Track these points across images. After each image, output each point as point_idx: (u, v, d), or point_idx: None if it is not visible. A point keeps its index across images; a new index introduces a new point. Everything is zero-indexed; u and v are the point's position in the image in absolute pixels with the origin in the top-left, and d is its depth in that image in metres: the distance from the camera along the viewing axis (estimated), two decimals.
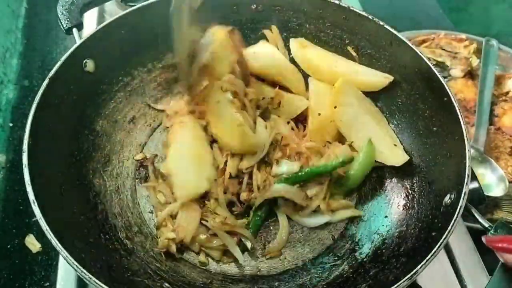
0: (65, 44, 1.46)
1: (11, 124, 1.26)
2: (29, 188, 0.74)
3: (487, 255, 0.97)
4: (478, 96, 1.30)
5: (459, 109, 0.86)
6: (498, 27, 1.69)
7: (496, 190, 1.15)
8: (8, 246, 1.03)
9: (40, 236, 1.03)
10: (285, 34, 1.13)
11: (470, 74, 1.42)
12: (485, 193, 1.01)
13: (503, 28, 1.65)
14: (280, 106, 1.03)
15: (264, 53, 1.06)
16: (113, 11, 1.41)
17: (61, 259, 0.94)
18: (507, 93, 1.38)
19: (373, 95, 1.05)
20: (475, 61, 1.42)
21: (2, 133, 1.23)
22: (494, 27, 1.71)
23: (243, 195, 0.93)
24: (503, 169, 1.19)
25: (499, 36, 1.46)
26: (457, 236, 1.01)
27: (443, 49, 1.45)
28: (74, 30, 1.02)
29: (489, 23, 1.75)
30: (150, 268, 0.87)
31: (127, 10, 1.00)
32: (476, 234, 0.99)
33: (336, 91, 1.00)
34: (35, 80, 1.36)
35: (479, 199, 0.99)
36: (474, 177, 0.97)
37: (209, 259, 0.92)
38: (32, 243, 1.02)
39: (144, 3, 1.01)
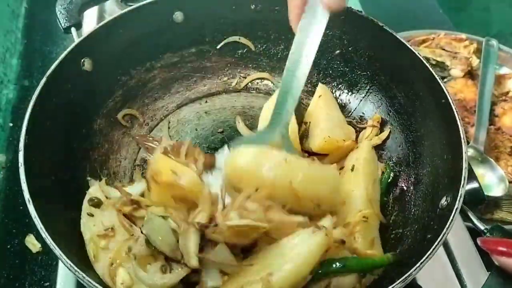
0: (65, 44, 1.46)
1: (11, 124, 1.26)
2: (24, 186, 0.74)
3: (486, 255, 0.96)
4: (478, 96, 1.30)
5: (456, 111, 0.85)
6: (498, 27, 1.69)
7: (496, 190, 1.15)
8: (8, 246, 1.03)
9: (40, 236, 1.02)
10: (283, 36, 1.14)
11: (470, 74, 1.41)
12: (485, 193, 1.01)
13: (503, 28, 1.65)
14: None
15: None
16: (113, 10, 1.41)
17: None
18: (507, 93, 1.38)
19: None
20: (475, 61, 1.42)
21: (2, 133, 1.23)
22: (494, 27, 1.72)
23: None
24: (503, 169, 1.19)
25: (499, 36, 1.46)
26: (457, 236, 1.01)
27: (443, 49, 1.45)
28: (73, 29, 1.02)
29: (489, 23, 1.75)
30: None
31: (126, 10, 1.00)
32: (476, 234, 0.98)
33: None
34: (35, 80, 1.36)
35: (479, 199, 0.99)
36: (474, 177, 0.97)
37: None
38: (32, 243, 1.02)
39: (143, 3, 1.01)
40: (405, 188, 0.96)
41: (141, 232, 0.75)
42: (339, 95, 1.14)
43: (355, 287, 0.79)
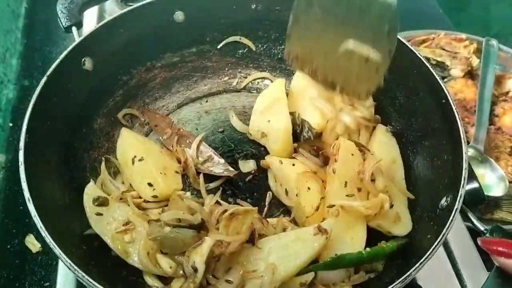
0: (65, 44, 1.45)
1: (11, 124, 1.27)
2: (24, 186, 0.74)
3: (486, 255, 0.97)
4: (478, 96, 1.30)
5: (457, 112, 0.85)
6: (498, 27, 1.69)
7: (496, 190, 1.15)
8: (8, 246, 1.03)
9: (40, 236, 1.02)
10: (284, 36, 1.13)
11: (470, 74, 1.42)
12: (485, 193, 1.01)
13: (503, 28, 1.65)
14: None
15: None
16: (113, 10, 1.41)
17: None
18: (507, 93, 1.38)
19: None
20: (475, 61, 1.42)
21: (2, 133, 1.23)
22: (494, 27, 1.71)
23: None
24: (503, 169, 1.19)
25: (499, 36, 1.46)
26: (457, 236, 1.01)
27: (443, 49, 1.45)
28: (73, 28, 1.03)
29: (489, 23, 1.75)
30: None
31: (126, 9, 1.00)
32: (476, 234, 0.98)
33: None
34: (35, 80, 1.36)
35: (479, 199, 0.99)
36: (474, 177, 0.97)
37: None
38: (32, 243, 1.02)
39: (143, 3, 1.01)
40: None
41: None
42: None
43: (343, 281, 0.81)
